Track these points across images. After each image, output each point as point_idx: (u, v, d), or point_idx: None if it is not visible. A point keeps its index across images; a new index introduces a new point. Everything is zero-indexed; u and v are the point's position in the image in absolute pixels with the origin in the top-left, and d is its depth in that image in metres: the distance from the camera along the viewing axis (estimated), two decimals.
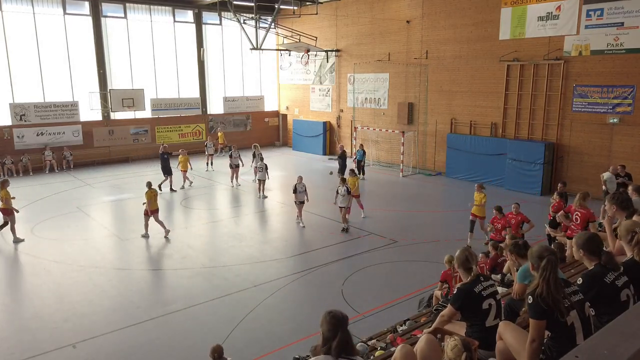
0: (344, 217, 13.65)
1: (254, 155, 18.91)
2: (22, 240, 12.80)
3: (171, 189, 18.10)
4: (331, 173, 20.56)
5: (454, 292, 4.38)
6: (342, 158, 19.92)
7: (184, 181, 18.76)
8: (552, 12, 16.88)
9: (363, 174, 20.36)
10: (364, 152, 20.94)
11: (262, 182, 17.20)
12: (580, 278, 3.88)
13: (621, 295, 3.74)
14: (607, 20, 15.67)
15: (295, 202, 14.16)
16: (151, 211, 12.93)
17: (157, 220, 13.05)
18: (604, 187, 13.49)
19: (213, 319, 8.74)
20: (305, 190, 14.17)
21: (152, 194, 12.96)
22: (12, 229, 12.78)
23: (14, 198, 13.17)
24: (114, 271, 10.98)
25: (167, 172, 18.10)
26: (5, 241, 12.88)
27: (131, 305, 9.28)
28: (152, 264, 11.33)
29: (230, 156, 19.11)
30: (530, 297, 3.43)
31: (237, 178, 19.20)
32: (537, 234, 11.35)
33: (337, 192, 13.73)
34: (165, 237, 13.02)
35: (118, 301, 9.47)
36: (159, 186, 17.34)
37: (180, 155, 18.70)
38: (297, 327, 8.32)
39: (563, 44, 16.79)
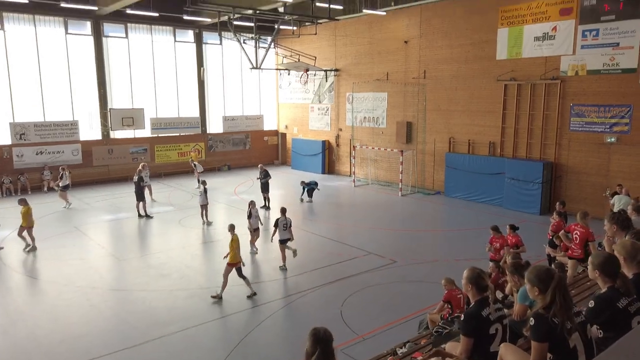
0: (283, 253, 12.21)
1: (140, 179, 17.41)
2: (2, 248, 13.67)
3: (144, 214, 17.30)
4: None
5: (462, 320, 4.10)
6: (265, 177, 18.68)
7: (26, 240, 13.77)
8: (548, 33, 17.10)
9: (310, 196, 19.93)
10: (307, 183, 20.11)
11: (203, 207, 16.20)
12: (592, 301, 3.76)
13: (632, 322, 3.61)
14: (602, 41, 15.86)
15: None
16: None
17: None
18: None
19: (210, 341, 8.62)
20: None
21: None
22: None
23: None
24: (110, 292, 10.87)
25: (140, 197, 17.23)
26: (1, 260, 12.78)
27: (127, 326, 9.16)
28: (149, 284, 11.21)
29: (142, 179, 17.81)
30: (532, 318, 3.38)
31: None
32: (537, 254, 11.30)
33: (277, 225, 11.95)
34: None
35: (114, 322, 9.35)
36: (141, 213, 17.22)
37: (22, 207, 13.61)
38: (295, 350, 8.18)
39: (559, 63, 16.96)
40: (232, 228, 10.81)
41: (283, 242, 12.08)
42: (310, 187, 19.85)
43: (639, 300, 3.72)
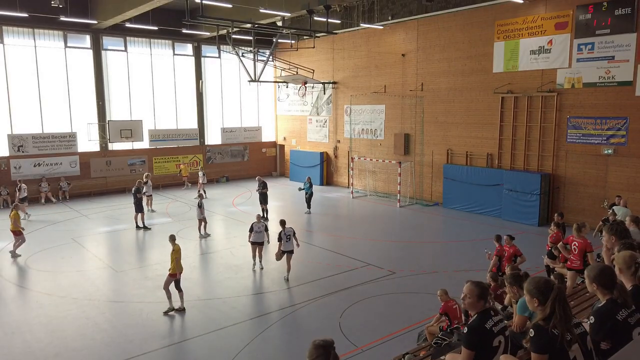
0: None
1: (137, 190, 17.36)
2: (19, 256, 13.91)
3: (142, 226, 17.32)
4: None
5: (465, 332, 4.00)
6: (263, 189, 18.86)
7: None
8: (544, 46, 17.26)
9: (309, 207, 19.70)
10: (311, 185, 19.99)
11: (200, 220, 16.13)
12: (591, 317, 3.75)
13: (633, 333, 3.59)
14: (598, 54, 16.01)
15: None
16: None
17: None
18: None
19: (208, 353, 8.55)
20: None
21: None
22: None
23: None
24: (107, 304, 10.79)
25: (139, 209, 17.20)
26: None
27: (124, 339, 9.07)
28: (147, 296, 11.14)
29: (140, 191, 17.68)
30: (532, 330, 3.37)
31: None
32: (536, 265, 11.28)
33: (281, 238, 12.02)
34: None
35: (111, 335, 9.26)
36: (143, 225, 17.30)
37: None
38: None
39: (556, 76, 17.10)
40: (172, 239, 10.67)
41: (284, 252, 12.02)
42: (309, 193, 19.81)
43: (638, 312, 3.71)
